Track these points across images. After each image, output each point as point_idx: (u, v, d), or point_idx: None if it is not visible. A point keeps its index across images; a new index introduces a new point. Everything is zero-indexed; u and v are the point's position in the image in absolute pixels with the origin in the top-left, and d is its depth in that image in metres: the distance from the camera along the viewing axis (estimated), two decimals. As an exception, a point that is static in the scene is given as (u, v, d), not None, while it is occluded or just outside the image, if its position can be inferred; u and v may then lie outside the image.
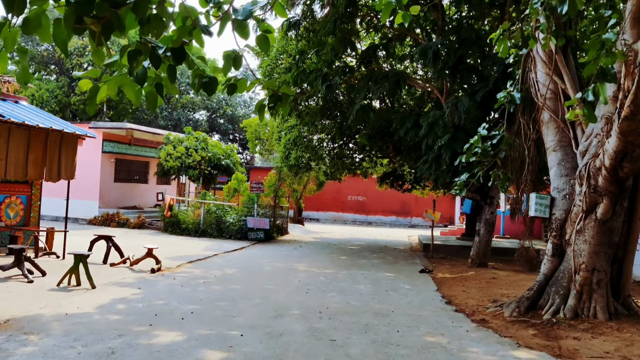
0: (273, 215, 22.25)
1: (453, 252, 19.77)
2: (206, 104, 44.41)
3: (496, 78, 12.37)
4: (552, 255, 8.93)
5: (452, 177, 14.02)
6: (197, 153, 24.22)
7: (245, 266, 13.35)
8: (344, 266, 14.33)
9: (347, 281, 11.77)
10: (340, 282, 11.53)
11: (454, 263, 16.49)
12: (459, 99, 13.12)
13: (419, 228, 38.13)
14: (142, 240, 18.32)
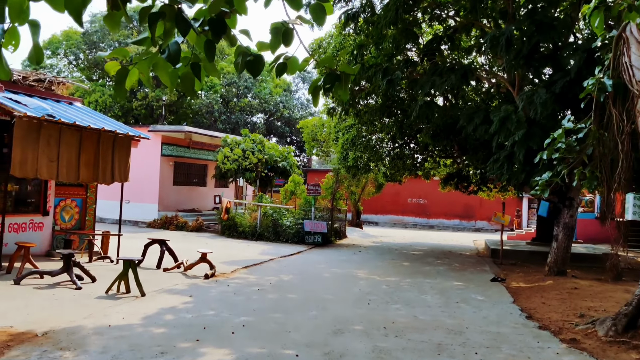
0: (331, 218, 21.53)
1: (523, 258, 18.43)
2: (264, 107, 44.28)
3: (579, 67, 11.12)
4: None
5: (526, 177, 12.84)
6: (254, 155, 23.81)
7: (301, 272, 12.65)
8: (407, 273, 13.38)
9: (412, 291, 10.84)
10: (405, 292, 10.61)
11: (527, 270, 15.22)
12: (534, 91, 11.94)
13: (484, 232, 36.48)
14: (199, 243, 17.98)
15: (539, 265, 16.47)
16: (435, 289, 11.23)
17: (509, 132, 12.27)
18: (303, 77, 48.35)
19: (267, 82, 45.65)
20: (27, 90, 11.50)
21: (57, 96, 12.47)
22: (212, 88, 42.66)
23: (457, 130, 16.39)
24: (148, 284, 9.71)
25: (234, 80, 42.92)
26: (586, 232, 26.17)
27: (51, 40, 47.14)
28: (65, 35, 46.73)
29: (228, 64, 44.81)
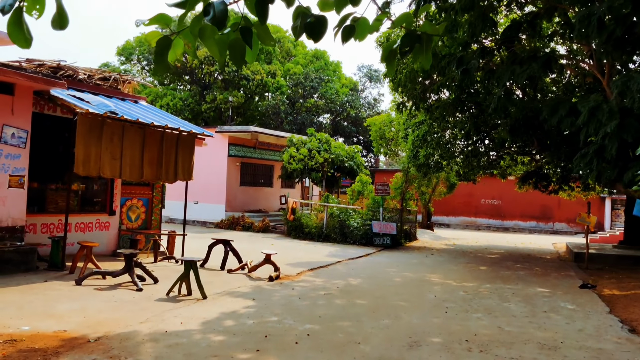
0: (400, 219, 20.65)
1: (611, 263, 16.91)
2: (330, 107, 43.84)
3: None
4: None
5: (619, 173, 11.54)
6: (320, 155, 23.29)
7: (371, 276, 11.92)
8: (485, 278, 12.37)
9: (492, 298, 9.88)
10: (485, 299, 9.67)
11: (618, 276, 13.82)
12: (629, 76, 10.66)
13: (563, 235, 34.37)
14: (264, 244, 17.61)
15: (631, 271, 15.00)
16: (518, 295, 10.20)
17: (599, 124, 11.01)
18: (370, 75, 47.56)
19: (334, 82, 45.17)
20: (91, 88, 11.44)
21: (122, 94, 12.37)
22: (279, 89, 42.65)
23: (538, 124, 15.16)
24: (210, 286, 9.30)
25: (300, 81, 42.72)
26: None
27: (125, 46, 48.74)
28: (138, 41, 48.19)
29: (294, 65, 44.70)
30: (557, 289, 11.23)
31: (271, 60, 44.86)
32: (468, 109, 17.22)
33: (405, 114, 20.42)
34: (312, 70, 43.44)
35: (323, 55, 45.66)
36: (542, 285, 11.81)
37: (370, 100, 47.76)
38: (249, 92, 44.23)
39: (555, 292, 10.88)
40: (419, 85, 15.25)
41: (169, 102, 41.86)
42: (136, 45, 48.38)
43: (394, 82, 16.68)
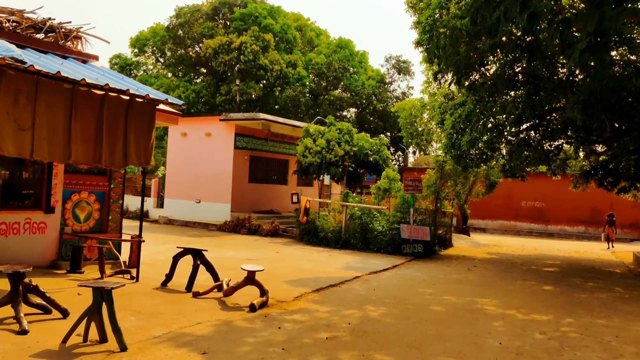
0: (434, 222, 17.14)
1: None
2: (355, 100, 40.37)
3: None
4: None
5: None
6: (340, 147, 19.91)
7: (399, 302, 8.49)
8: (559, 306, 8.81)
9: (591, 344, 6.37)
10: (582, 350, 6.15)
11: None
12: None
13: (618, 242, 30.24)
14: (266, 252, 14.33)
15: None
16: (624, 340, 6.66)
17: None
18: (398, 67, 43.98)
19: (359, 73, 41.74)
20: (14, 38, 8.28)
21: (63, 50, 9.16)
22: (300, 81, 39.41)
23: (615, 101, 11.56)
24: (153, 322, 6.07)
25: (323, 71, 39.38)
26: None
27: (138, 37, 46.18)
28: (152, 32, 45.55)
29: (317, 55, 41.42)
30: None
31: (292, 50, 41.67)
32: (523, 85, 13.68)
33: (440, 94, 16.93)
34: (336, 60, 40.06)
35: (348, 45, 42.24)
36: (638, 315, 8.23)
37: (398, 93, 44.14)
38: (267, 84, 41.11)
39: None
40: (463, 48, 11.76)
41: (180, 94, 39.00)
42: (149, 36, 45.75)
43: (428, 50, 13.25)
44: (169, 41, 43.57)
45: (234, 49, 38.06)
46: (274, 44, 39.33)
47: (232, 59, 38.04)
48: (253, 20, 40.56)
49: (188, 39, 42.64)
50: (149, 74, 47.74)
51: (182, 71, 44.21)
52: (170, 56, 45.11)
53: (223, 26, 44.07)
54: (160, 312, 6.86)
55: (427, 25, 13.10)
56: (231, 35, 39.96)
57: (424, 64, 15.80)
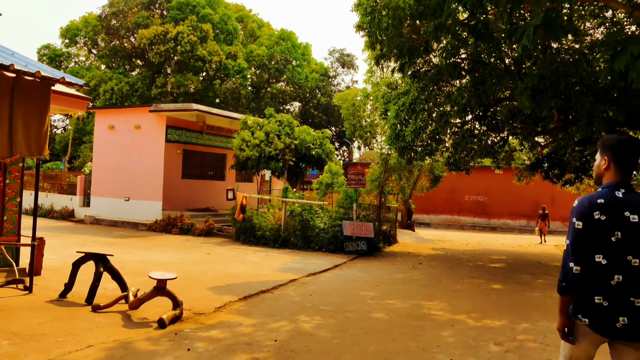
0: (378, 218, 16.31)
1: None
2: (298, 94, 39.28)
3: None
4: None
5: None
6: (280, 140, 18.80)
7: (337, 308, 7.49)
8: (513, 308, 8.02)
9: (550, 353, 5.55)
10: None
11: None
12: None
13: (558, 235, 30.54)
14: (196, 254, 13.09)
15: None
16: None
17: None
18: (342, 61, 43.19)
19: (303, 66, 40.67)
20: None
21: None
22: (240, 72, 37.97)
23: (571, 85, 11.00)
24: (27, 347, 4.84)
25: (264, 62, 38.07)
26: None
27: (69, 26, 43.50)
28: (84, 21, 42.97)
29: (258, 46, 40.07)
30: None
31: (232, 41, 40.16)
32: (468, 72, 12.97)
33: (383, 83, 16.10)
34: (278, 52, 38.85)
35: (290, 37, 41.09)
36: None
37: (342, 87, 43.36)
38: (207, 77, 39.46)
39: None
40: (407, 30, 10.88)
41: (113, 87, 36.89)
42: (81, 26, 43.15)
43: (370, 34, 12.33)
44: (101, 31, 41.21)
45: (170, 39, 36.28)
46: (213, 34, 37.75)
47: (168, 50, 36.21)
48: (191, 9, 38.82)
49: (122, 29, 40.43)
50: (81, 66, 45.14)
51: (117, 63, 41.94)
52: (103, 47, 42.72)
53: (159, 16, 42.08)
54: (45, 332, 5.59)
55: (369, 6, 12.17)
56: (167, 25, 38.11)
57: (367, 51, 14.87)
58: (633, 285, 2.81)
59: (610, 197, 2.90)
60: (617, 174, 2.98)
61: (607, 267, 2.85)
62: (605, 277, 2.85)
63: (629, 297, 2.80)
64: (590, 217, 2.87)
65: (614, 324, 2.82)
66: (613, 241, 2.84)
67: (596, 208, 2.87)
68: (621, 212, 2.85)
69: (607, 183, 3.00)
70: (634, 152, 3.00)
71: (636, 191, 2.96)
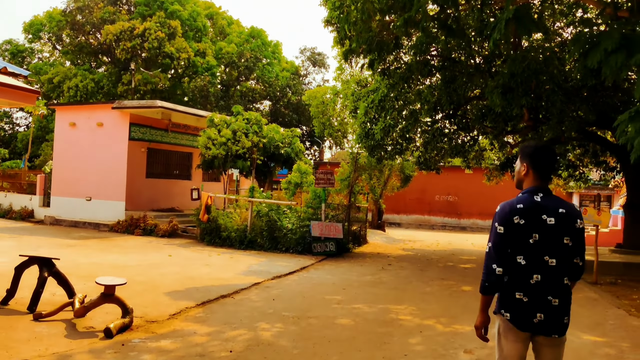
0: (347, 218, 15.98)
1: (619, 272, 13.00)
2: (268, 92, 38.75)
3: None
4: None
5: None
6: (248, 138, 18.32)
7: (301, 314, 7.09)
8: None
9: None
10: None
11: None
12: None
13: (528, 234, 30.71)
14: (159, 255, 12.57)
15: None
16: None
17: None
18: (313, 59, 42.85)
19: (273, 65, 40.17)
20: None
21: None
22: (209, 70, 37.27)
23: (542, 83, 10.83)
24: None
25: (233, 60, 37.44)
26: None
27: (33, 21, 42.08)
28: (48, 16, 41.64)
29: (228, 44, 39.43)
30: (610, 332, 6.75)
31: (201, 38, 39.42)
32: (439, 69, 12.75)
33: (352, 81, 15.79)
34: (248, 50, 38.25)
35: (260, 34, 40.53)
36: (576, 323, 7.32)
37: (313, 86, 42.95)
38: (175, 74, 38.65)
39: (614, 340, 6.38)
40: (376, 24, 10.55)
41: (78, 84, 35.80)
42: (45, 21, 41.81)
43: (339, 29, 12.00)
44: (66, 27, 39.97)
45: (137, 36, 35.37)
46: (181, 31, 36.98)
47: (134, 46, 35.30)
48: (159, 5, 37.97)
49: (87, 24, 39.28)
50: (45, 62, 43.77)
51: (82, 59, 40.77)
52: (68, 43, 41.44)
53: (126, 12, 41.05)
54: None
55: (337, 0, 11.83)
56: (134, 21, 37.16)
57: (336, 47, 14.57)
58: (550, 284, 2.97)
59: (529, 202, 3.06)
60: (535, 179, 3.15)
61: (526, 267, 3.00)
62: (526, 276, 3.00)
63: (547, 295, 2.96)
64: (510, 222, 3.03)
65: (531, 319, 2.97)
66: (531, 243, 3.00)
67: (516, 213, 3.03)
68: (539, 216, 3.02)
69: (526, 188, 3.16)
70: (550, 159, 3.19)
71: (553, 195, 3.13)
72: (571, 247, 3.02)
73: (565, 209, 3.06)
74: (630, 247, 15.47)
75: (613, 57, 7.09)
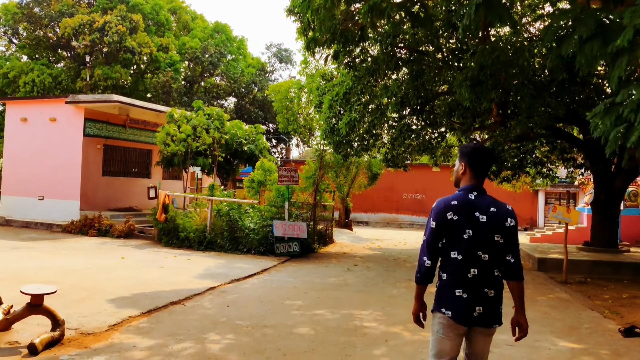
0: (313, 217, 15.43)
1: (586, 270, 12.86)
2: (233, 88, 37.89)
3: None
4: None
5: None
6: (209, 134, 17.59)
7: (256, 323, 6.49)
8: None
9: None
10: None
11: (619, 294, 9.53)
12: None
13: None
14: (110, 258, 11.80)
15: (624, 284, 10.95)
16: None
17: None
18: (280, 56, 42.15)
19: (238, 61, 39.32)
20: None
21: None
22: (172, 66, 36.23)
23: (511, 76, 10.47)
24: None
25: (197, 55, 36.46)
26: (632, 232, 20.55)
27: (-15, 14, 40.22)
28: (3, 9, 39.84)
29: (191, 38, 38.43)
30: (586, 338, 6.36)
31: (164, 33, 38.30)
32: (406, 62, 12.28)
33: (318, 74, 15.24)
34: (212, 45, 37.30)
35: (225, 29, 39.63)
36: (546, 323, 6.91)
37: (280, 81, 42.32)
38: (138, 70, 37.46)
39: (592, 347, 5.97)
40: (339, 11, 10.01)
41: (34, 79, 34.33)
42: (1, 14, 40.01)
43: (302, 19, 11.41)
44: (22, 19, 38.29)
45: (97, 29, 34.09)
46: (143, 25, 35.81)
47: (94, 40, 34.01)
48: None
49: (45, 17, 37.71)
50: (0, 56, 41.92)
51: (40, 54, 39.18)
52: (25, 37, 39.74)
53: (86, 5, 39.62)
54: None
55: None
56: (94, 14, 35.84)
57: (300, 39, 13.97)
58: (485, 277, 3.07)
59: (463, 199, 3.16)
60: (472, 178, 3.25)
61: (463, 262, 3.08)
62: (463, 271, 3.07)
63: (484, 288, 3.06)
64: (444, 218, 3.12)
65: (472, 313, 3.04)
66: (465, 238, 3.08)
67: (450, 209, 3.12)
68: (472, 213, 3.11)
69: (463, 186, 3.25)
70: (487, 159, 3.28)
71: (487, 194, 3.21)
72: (502, 245, 3.11)
73: (497, 208, 3.15)
74: (598, 244, 15.33)
75: (588, 45, 6.70)
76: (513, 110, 12.42)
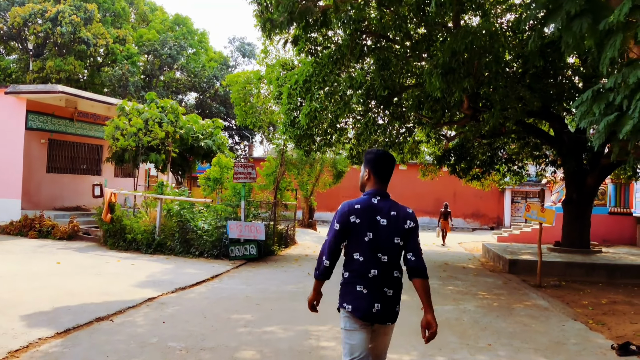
0: (273, 217, 14.42)
1: (559, 272, 12.35)
2: (194, 83, 36.47)
3: None
4: None
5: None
6: (162, 128, 16.39)
7: (193, 344, 5.47)
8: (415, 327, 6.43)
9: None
10: None
11: (598, 299, 8.93)
12: None
13: (461, 232, 30.34)
14: (44, 262, 10.57)
15: (599, 288, 10.50)
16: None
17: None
18: (243, 50, 40.88)
19: (199, 54, 37.93)
20: None
21: None
22: (130, 59, 34.64)
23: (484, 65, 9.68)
24: None
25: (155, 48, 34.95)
26: (599, 231, 20.15)
27: None
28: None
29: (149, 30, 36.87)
30: (576, 358, 5.55)
31: (121, 24, 36.64)
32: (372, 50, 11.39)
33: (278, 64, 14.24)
34: (172, 38, 35.83)
35: (185, 22, 38.19)
36: (527, 339, 6.09)
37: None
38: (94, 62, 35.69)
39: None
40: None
41: (-21, 70, 32.31)
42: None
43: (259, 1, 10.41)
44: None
45: (49, 19, 32.27)
46: (99, 16, 34.13)
47: (46, 30, 32.18)
48: (74, -14, 34.87)
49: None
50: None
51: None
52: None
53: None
54: None
55: None
56: (46, 3, 33.97)
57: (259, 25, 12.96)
58: (385, 277, 3.16)
59: (366, 204, 3.22)
60: (375, 183, 3.31)
61: (364, 263, 3.15)
62: (364, 271, 3.15)
63: (383, 287, 3.16)
64: (347, 220, 3.18)
65: (370, 309, 3.12)
66: (366, 241, 3.16)
67: (353, 212, 3.19)
68: (374, 216, 3.19)
69: (367, 191, 3.31)
70: (389, 165, 3.36)
71: (390, 199, 3.26)
72: (402, 246, 3.21)
73: (397, 211, 3.21)
74: (569, 245, 14.78)
75: (577, 21, 5.89)
76: (485, 103, 11.67)
